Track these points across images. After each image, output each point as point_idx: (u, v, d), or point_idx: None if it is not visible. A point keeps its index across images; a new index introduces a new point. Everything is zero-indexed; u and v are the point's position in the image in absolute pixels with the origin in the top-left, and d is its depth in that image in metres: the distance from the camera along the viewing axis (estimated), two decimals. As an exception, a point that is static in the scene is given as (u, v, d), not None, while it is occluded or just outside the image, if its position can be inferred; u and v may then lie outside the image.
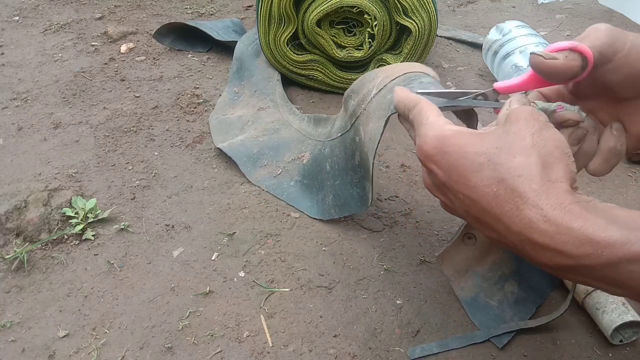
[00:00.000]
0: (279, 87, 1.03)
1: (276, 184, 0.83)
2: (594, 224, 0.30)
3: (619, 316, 0.58)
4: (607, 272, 0.30)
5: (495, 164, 0.34)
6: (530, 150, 0.33)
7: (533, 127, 0.35)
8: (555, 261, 0.32)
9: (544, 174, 0.33)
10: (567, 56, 0.36)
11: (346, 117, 0.75)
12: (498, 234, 0.35)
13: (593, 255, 0.30)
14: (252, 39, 1.18)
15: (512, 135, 0.35)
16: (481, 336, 0.60)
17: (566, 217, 0.31)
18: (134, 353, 0.59)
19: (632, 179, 0.87)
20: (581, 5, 1.63)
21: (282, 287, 0.67)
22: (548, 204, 0.32)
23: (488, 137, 0.36)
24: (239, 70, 1.11)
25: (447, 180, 0.37)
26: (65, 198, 0.79)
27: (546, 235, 0.31)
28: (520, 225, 0.32)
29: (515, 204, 0.33)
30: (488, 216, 0.35)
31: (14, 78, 1.17)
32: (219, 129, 0.96)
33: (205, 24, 1.27)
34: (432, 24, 1.03)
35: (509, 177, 0.33)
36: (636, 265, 0.29)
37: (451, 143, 0.37)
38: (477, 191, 0.35)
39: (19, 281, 0.68)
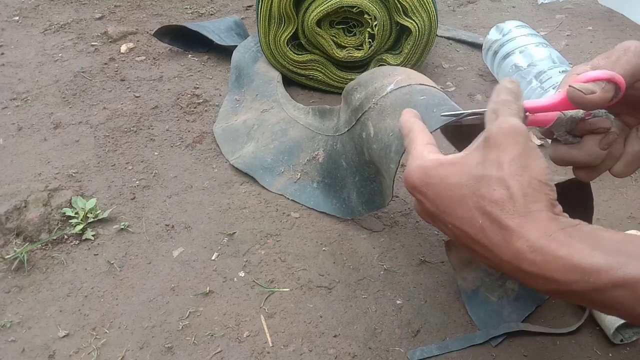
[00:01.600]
0: (280, 88, 1.03)
1: (299, 189, 0.81)
2: (579, 251, 0.31)
3: (619, 316, 0.58)
4: (596, 297, 0.31)
5: (477, 196, 0.34)
6: (509, 181, 0.33)
7: (512, 152, 0.34)
8: (546, 287, 0.33)
9: (525, 205, 0.33)
10: (604, 88, 0.36)
11: (349, 110, 0.73)
12: (491, 262, 0.36)
13: (580, 281, 0.31)
14: (248, 47, 1.17)
15: (489, 164, 0.34)
16: (481, 337, 0.60)
17: (552, 246, 0.32)
18: (134, 353, 0.59)
19: (632, 179, 0.87)
20: (581, 5, 1.63)
21: (282, 287, 0.67)
22: (533, 234, 0.32)
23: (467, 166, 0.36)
24: (238, 78, 1.10)
25: (435, 210, 0.38)
26: (65, 198, 0.79)
27: (535, 265, 0.32)
28: (509, 255, 0.33)
29: (502, 235, 0.33)
30: (478, 246, 0.35)
31: (14, 78, 1.17)
32: (225, 138, 0.94)
33: (208, 25, 1.26)
34: (432, 24, 1.03)
35: (492, 210, 0.33)
36: (621, 290, 0.30)
37: (433, 174, 0.37)
38: (464, 222, 0.35)
39: (19, 281, 0.68)
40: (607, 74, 0.36)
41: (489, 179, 0.34)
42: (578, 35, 1.41)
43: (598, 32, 1.43)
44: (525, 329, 0.61)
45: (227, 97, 1.06)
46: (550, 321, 0.63)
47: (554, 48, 1.05)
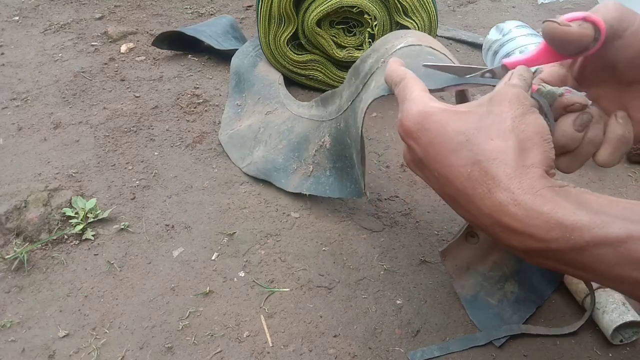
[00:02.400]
0: (282, 89, 1.02)
1: (314, 182, 0.80)
2: (563, 208, 0.31)
3: (619, 316, 0.58)
4: (575, 256, 0.31)
5: (472, 144, 0.34)
6: (509, 134, 0.33)
7: (516, 110, 0.34)
8: (525, 244, 0.32)
9: (520, 159, 0.33)
10: (581, 25, 0.36)
11: (357, 81, 0.71)
12: (470, 215, 0.35)
13: (561, 239, 0.30)
14: (247, 52, 1.16)
15: (493, 116, 0.35)
16: (482, 338, 0.60)
17: (536, 201, 0.31)
18: (134, 353, 0.59)
19: (632, 179, 0.87)
20: (581, 5, 1.63)
21: (282, 287, 0.67)
22: (519, 188, 0.32)
23: (470, 116, 0.36)
24: (238, 83, 1.09)
25: (425, 157, 0.37)
26: (65, 198, 0.79)
27: (516, 219, 0.32)
28: (491, 207, 0.33)
29: (487, 186, 0.33)
30: (461, 197, 0.35)
31: (14, 78, 1.17)
32: (232, 145, 0.93)
33: (205, 30, 1.25)
34: (432, 24, 1.03)
35: (484, 159, 0.33)
36: (602, 248, 0.29)
37: (433, 120, 0.36)
38: (453, 170, 0.35)
39: (19, 281, 0.68)
40: (583, 13, 0.36)
41: (490, 129, 0.34)
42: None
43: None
44: (526, 331, 0.61)
45: (228, 103, 1.05)
46: (551, 321, 0.63)
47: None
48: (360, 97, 0.68)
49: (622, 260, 0.29)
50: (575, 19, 0.36)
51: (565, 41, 0.37)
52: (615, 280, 0.31)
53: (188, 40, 1.26)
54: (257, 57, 1.13)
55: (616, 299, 0.60)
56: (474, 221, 0.36)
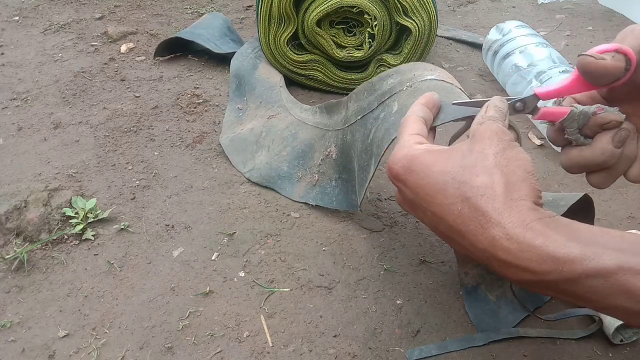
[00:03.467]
0: (284, 93, 1.01)
1: (320, 192, 0.79)
2: (554, 241, 0.31)
3: (619, 316, 0.58)
4: (569, 287, 0.31)
5: (459, 182, 0.35)
6: (493, 170, 0.34)
7: (497, 146, 0.35)
8: (520, 277, 0.33)
9: (507, 193, 0.33)
10: (614, 57, 0.36)
11: (371, 97, 0.71)
12: (467, 250, 0.36)
13: (554, 271, 0.31)
14: (246, 54, 1.15)
15: (476, 154, 0.35)
16: (481, 339, 0.60)
17: (528, 235, 0.32)
18: (134, 353, 0.59)
19: (632, 179, 0.87)
20: (581, 5, 1.63)
21: (282, 287, 0.67)
22: (510, 222, 0.32)
23: (453, 155, 0.36)
24: (239, 86, 1.08)
25: (415, 198, 0.38)
26: (65, 198, 0.79)
27: (509, 253, 0.32)
28: (485, 243, 0.33)
29: (479, 222, 0.33)
30: (455, 233, 0.35)
31: (14, 78, 1.17)
32: (234, 149, 0.92)
33: (202, 33, 1.24)
34: (432, 24, 1.03)
35: (472, 195, 0.34)
36: (594, 280, 0.30)
37: (418, 162, 0.37)
38: (443, 209, 0.35)
39: (19, 281, 0.68)
40: (614, 45, 0.36)
41: (474, 167, 0.35)
42: (578, 35, 1.41)
43: (598, 32, 1.43)
44: (525, 334, 0.61)
45: (228, 106, 1.04)
46: (550, 321, 0.63)
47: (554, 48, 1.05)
48: (376, 116, 0.68)
49: (614, 291, 0.30)
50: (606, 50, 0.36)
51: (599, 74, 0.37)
52: (610, 310, 0.31)
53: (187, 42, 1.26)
54: (257, 59, 1.13)
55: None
56: (471, 255, 0.36)
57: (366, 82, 0.75)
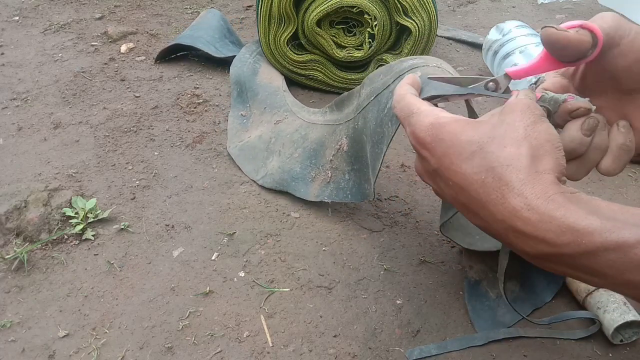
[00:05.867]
0: (288, 97, 1.00)
1: (334, 188, 0.78)
2: (575, 213, 0.31)
3: (620, 315, 0.58)
4: (586, 261, 0.31)
5: (486, 152, 0.35)
6: (522, 142, 0.34)
7: (527, 119, 0.35)
8: (537, 249, 0.33)
9: (532, 165, 0.34)
10: (578, 31, 0.37)
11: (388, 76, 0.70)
12: (484, 222, 0.36)
13: (573, 243, 0.31)
14: (244, 60, 1.14)
15: (506, 125, 0.36)
16: (480, 339, 0.60)
17: (549, 206, 0.32)
18: (134, 353, 0.59)
19: (632, 179, 0.87)
20: (581, 5, 1.63)
21: (282, 287, 0.67)
22: (532, 193, 0.32)
23: (483, 126, 0.37)
24: (241, 93, 1.07)
25: (439, 167, 0.38)
26: (65, 198, 0.79)
27: (529, 224, 0.32)
28: (504, 213, 0.33)
29: (501, 192, 0.33)
30: (475, 203, 0.35)
31: (14, 78, 1.17)
32: (244, 158, 0.90)
33: (202, 36, 1.23)
34: (432, 24, 1.03)
35: (498, 165, 0.34)
36: (613, 253, 0.30)
37: (446, 130, 0.37)
38: (467, 178, 0.35)
39: (19, 281, 0.68)
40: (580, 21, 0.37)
41: (503, 138, 0.35)
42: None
43: (598, 32, 1.43)
44: (525, 334, 0.61)
45: (231, 113, 1.02)
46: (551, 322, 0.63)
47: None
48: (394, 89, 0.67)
49: (631, 265, 0.30)
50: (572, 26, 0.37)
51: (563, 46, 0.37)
52: (625, 285, 0.31)
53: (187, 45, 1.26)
54: (256, 64, 1.12)
55: (617, 299, 0.60)
56: (488, 228, 0.36)
57: (383, 67, 0.73)
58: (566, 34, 0.36)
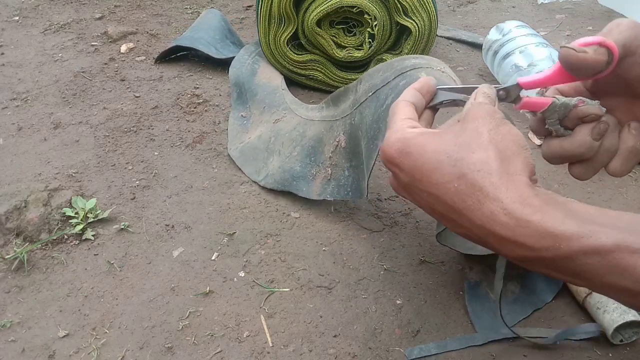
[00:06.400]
0: (287, 95, 1.00)
1: (335, 186, 0.77)
2: (552, 217, 0.31)
3: (620, 315, 0.58)
4: (566, 264, 0.31)
5: (454, 160, 0.35)
6: (488, 146, 0.34)
7: (490, 123, 0.36)
8: (517, 253, 0.33)
9: (503, 168, 0.34)
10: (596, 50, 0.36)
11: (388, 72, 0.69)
12: (464, 229, 0.36)
13: (552, 248, 0.31)
14: (243, 61, 1.14)
15: (469, 132, 0.36)
16: (480, 339, 0.60)
17: (525, 211, 0.32)
18: (134, 353, 0.59)
19: (632, 179, 0.87)
20: (581, 5, 1.63)
21: (282, 287, 0.67)
22: (508, 197, 0.32)
23: (446, 135, 0.37)
24: (240, 95, 1.06)
25: (411, 180, 0.38)
26: (65, 198, 0.79)
27: (507, 228, 0.32)
28: (482, 218, 0.33)
29: (476, 198, 0.33)
30: (452, 212, 0.36)
31: (14, 78, 1.17)
32: (245, 159, 0.90)
33: (202, 37, 1.23)
34: (432, 24, 1.03)
35: (469, 172, 0.34)
36: (591, 257, 0.30)
37: (412, 144, 0.38)
38: (440, 188, 0.36)
39: (19, 281, 0.68)
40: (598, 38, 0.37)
41: (469, 144, 0.35)
42: (578, 35, 1.41)
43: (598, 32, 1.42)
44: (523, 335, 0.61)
45: (231, 115, 1.02)
46: (551, 321, 0.63)
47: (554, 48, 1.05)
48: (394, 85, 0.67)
49: (610, 269, 0.30)
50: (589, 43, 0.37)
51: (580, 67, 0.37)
52: (606, 288, 0.31)
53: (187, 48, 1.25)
54: (255, 65, 1.11)
55: (616, 299, 0.60)
56: (469, 234, 0.36)
57: (383, 63, 0.73)
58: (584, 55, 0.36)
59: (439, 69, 0.65)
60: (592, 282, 0.31)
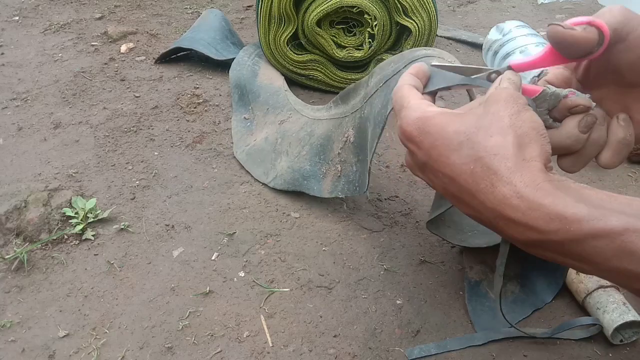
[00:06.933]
0: (291, 96, 0.99)
1: (345, 182, 0.76)
2: (563, 200, 0.32)
3: (619, 316, 0.58)
4: (574, 248, 0.32)
5: (473, 142, 0.35)
6: (507, 130, 0.35)
7: (512, 108, 0.36)
8: (526, 236, 0.33)
9: (519, 153, 0.34)
10: (585, 29, 0.37)
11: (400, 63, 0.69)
12: (474, 211, 0.36)
13: (561, 230, 0.31)
14: (243, 63, 1.13)
15: (491, 115, 0.36)
16: (480, 339, 0.60)
17: (538, 194, 0.32)
18: (134, 353, 0.59)
19: (632, 179, 0.87)
20: (581, 5, 1.63)
21: (282, 287, 0.67)
22: (521, 181, 0.33)
23: (468, 117, 0.37)
24: (242, 96, 1.05)
25: (428, 160, 0.38)
26: (65, 198, 0.79)
27: (518, 211, 0.33)
28: (494, 201, 0.34)
29: (490, 181, 0.34)
30: (465, 193, 0.36)
31: (14, 78, 1.17)
32: (252, 162, 0.89)
33: (203, 38, 1.23)
34: (432, 24, 1.03)
35: (486, 155, 0.34)
36: (600, 240, 0.31)
37: (432, 123, 0.38)
38: (455, 169, 0.36)
39: (19, 281, 0.68)
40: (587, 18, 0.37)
41: (489, 127, 0.35)
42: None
43: (598, 32, 1.43)
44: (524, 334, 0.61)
45: (234, 117, 1.01)
46: (551, 321, 0.63)
47: (554, 48, 1.05)
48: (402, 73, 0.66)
49: (619, 252, 0.30)
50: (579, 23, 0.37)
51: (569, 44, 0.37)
52: (613, 272, 0.32)
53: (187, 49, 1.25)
54: (255, 66, 1.11)
55: (616, 299, 0.60)
56: (478, 217, 0.37)
57: (395, 55, 0.72)
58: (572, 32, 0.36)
59: (449, 61, 0.65)
60: (600, 266, 0.31)
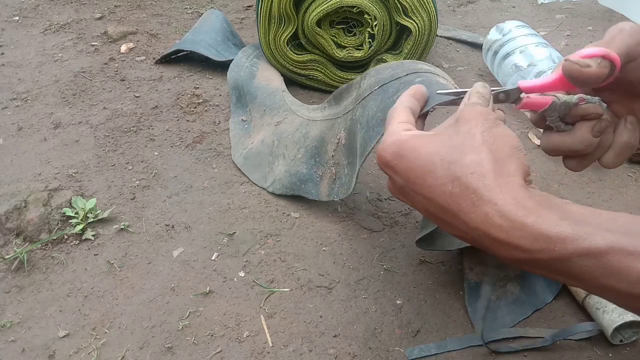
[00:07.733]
0: (287, 97, 0.98)
1: (340, 185, 0.76)
2: (546, 219, 0.31)
3: (619, 316, 0.58)
4: (561, 266, 0.31)
5: (448, 162, 0.35)
6: (481, 148, 0.34)
7: (482, 125, 0.36)
8: (512, 255, 0.33)
9: (497, 170, 0.33)
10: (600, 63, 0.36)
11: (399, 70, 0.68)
12: (459, 231, 0.36)
13: (546, 250, 0.31)
14: (241, 64, 1.12)
15: (463, 134, 0.36)
16: (480, 339, 0.60)
17: (520, 213, 0.32)
18: (134, 353, 0.59)
19: (632, 179, 0.87)
20: (581, 5, 1.63)
21: (282, 287, 0.67)
22: (502, 199, 0.32)
23: (440, 137, 0.37)
24: (239, 98, 1.05)
25: (406, 183, 0.38)
26: (65, 198, 0.79)
27: (502, 230, 0.32)
28: (477, 220, 0.33)
29: (470, 200, 0.33)
30: (447, 214, 0.35)
31: (14, 78, 1.17)
32: (250, 165, 0.88)
33: (203, 39, 1.22)
34: (432, 24, 1.03)
35: (462, 174, 0.34)
36: (585, 260, 0.30)
37: (406, 147, 0.38)
38: (434, 191, 0.35)
39: (19, 281, 0.68)
40: (602, 50, 0.37)
41: (462, 146, 0.35)
42: (578, 35, 1.41)
43: (598, 32, 1.43)
44: (524, 334, 0.61)
45: (232, 120, 1.01)
46: (551, 322, 0.63)
47: (554, 48, 1.05)
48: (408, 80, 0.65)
49: (605, 271, 0.30)
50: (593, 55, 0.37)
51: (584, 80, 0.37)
52: (602, 290, 0.31)
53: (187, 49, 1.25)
54: (253, 67, 1.10)
55: (616, 299, 0.60)
56: (464, 237, 0.36)
57: (394, 62, 0.72)
58: (588, 70, 0.36)
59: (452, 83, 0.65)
60: (588, 283, 0.31)
